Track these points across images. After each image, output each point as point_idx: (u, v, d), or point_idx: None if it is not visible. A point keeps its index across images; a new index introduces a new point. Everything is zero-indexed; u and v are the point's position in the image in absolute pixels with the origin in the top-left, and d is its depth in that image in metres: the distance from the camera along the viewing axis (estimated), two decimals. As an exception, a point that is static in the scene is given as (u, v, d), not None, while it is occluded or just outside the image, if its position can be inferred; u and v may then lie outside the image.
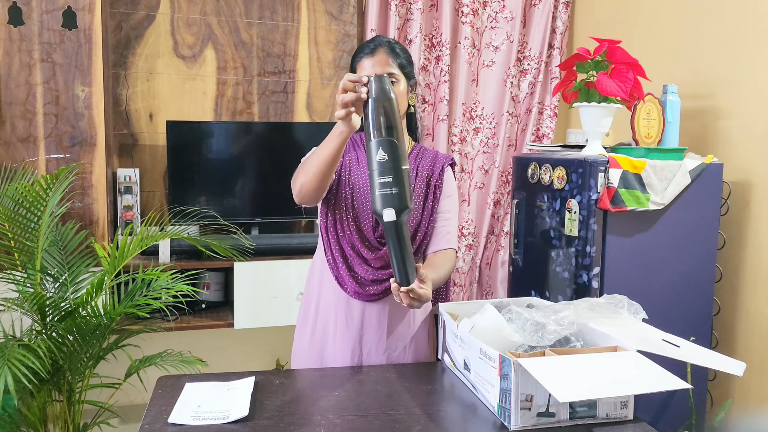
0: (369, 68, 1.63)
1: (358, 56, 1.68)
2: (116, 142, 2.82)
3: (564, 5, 3.10)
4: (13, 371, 1.75)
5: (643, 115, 2.19)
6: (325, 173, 1.51)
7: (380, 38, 1.71)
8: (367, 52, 1.66)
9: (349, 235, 1.67)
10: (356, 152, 1.74)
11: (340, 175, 1.69)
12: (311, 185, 1.53)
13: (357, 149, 1.74)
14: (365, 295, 1.67)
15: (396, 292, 1.40)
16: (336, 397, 1.43)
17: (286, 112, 3.04)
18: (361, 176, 1.69)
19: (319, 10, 3.03)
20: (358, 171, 1.70)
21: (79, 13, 2.45)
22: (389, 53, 1.66)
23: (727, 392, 2.22)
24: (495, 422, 1.31)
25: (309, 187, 1.54)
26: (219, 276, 2.77)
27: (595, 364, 1.29)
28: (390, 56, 1.66)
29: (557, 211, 2.19)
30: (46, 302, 1.97)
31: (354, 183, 1.68)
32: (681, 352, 1.36)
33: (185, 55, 2.89)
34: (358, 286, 1.67)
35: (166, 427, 1.27)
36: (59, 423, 2.17)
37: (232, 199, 2.85)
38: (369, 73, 1.62)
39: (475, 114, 3.08)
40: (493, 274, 3.17)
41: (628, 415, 1.33)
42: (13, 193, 2.10)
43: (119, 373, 2.36)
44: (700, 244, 2.13)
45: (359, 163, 1.71)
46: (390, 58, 1.65)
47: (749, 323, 2.17)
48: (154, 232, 2.18)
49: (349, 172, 1.70)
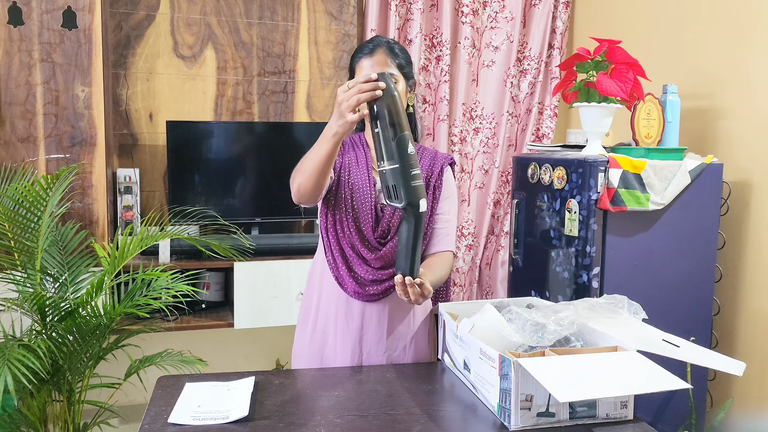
0: (368, 68, 1.63)
1: (357, 56, 1.69)
2: (116, 142, 2.82)
3: (564, 5, 3.10)
4: (13, 371, 1.75)
5: (643, 115, 2.19)
6: (321, 173, 1.51)
7: (379, 38, 1.71)
8: (366, 52, 1.66)
9: (349, 236, 1.67)
10: (356, 152, 1.73)
11: (340, 175, 1.69)
12: (308, 185, 1.54)
13: (356, 149, 1.74)
14: (365, 295, 1.67)
15: (401, 287, 1.40)
16: (336, 397, 1.43)
17: (286, 112, 3.04)
18: (361, 176, 1.68)
19: (319, 10, 3.03)
20: (357, 171, 1.70)
21: (79, 13, 2.45)
22: (388, 53, 1.66)
23: (727, 392, 2.22)
24: (495, 422, 1.31)
25: (306, 186, 1.54)
26: (219, 276, 2.77)
27: (594, 364, 1.29)
28: (389, 56, 1.66)
29: (557, 211, 2.19)
30: (46, 302, 1.97)
31: (354, 183, 1.68)
32: (681, 352, 1.36)
33: (185, 55, 2.89)
34: (358, 286, 1.67)
35: (166, 427, 1.27)
36: (59, 423, 2.17)
37: (232, 199, 2.85)
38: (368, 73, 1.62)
39: (475, 114, 3.08)
40: (493, 274, 3.17)
41: (628, 415, 1.33)
42: (13, 193, 2.10)
43: (119, 373, 2.36)
44: (700, 244, 2.13)
45: (359, 164, 1.71)
46: (389, 59, 1.66)
47: (749, 323, 2.17)
48: (154, 232, 2.18)
49: (349, 173, 1.70)
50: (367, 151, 1.74)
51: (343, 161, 1.71)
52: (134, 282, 2.14)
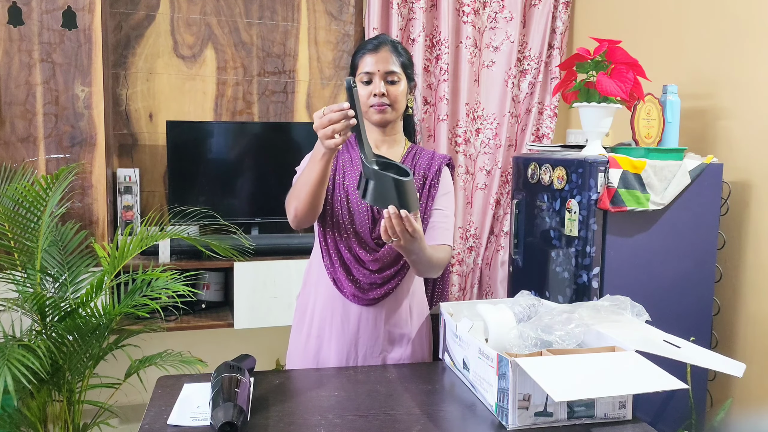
0: (371, 65, 1.63)
1: (360, 52, 1.68)
2: (116, 142, 2.82)
3: (564, 5, 3.10)
4: (13, 371, 1.75)
5: (643, 115, 2.19)
6: (316, 194, 1.52)
7: (384, 36, 1.71)
8: (371, 48, 1.66)
9: (346, 238, 1.65)
10: (350, 154, 1.72)
11: (335, 177, 1.68)
12: (305, 208, 1.55)
13: (351, 150, 1.73)
14: (363, 299, 1.66)
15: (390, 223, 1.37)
16: (336, 397, 1.43)
17: (286, 112, 3.04)
18: (356, 178, 1.67)
19: (319, 10, 3.03)
20: (352, 173, 1.69)
21: (79, 13, 2.45)
22: (392, 51, 1.66)
23: (727, 392, 2.22)
24: (493, 422, 1.31)
25: (303, 210, 1.55)
26: (219, 276, 2.77)
27: (592, 364, 1.29)
28: (393, 54, 1.66)
29: (557, 211, 2.19)
30: (46, 302, 1.98)
31: (349, 185, 1.67)
32: (681, 352, 1.36)
33: (185, 55, 2.89)
34: (357, 290, 1.66)
35: (165, 427, 1.27)
36: (59, 423, 2.17)
37: (232, 199, 2.85)
38: (371, 69, 1.63)
39: (476, 114, 3.08)
40: (493, 274, 3.17)
41: (626, 416, 1.33)
42: (13, 193, 2.10)
43: (119, 373, 2.36)
44: (700, 244, 2.13)
45: (353, 165, 1.70)
46: (393, 56, 1.65)
47: (749, 323, 2.17)
48: (153, 232, 2.18)
49: (344, 175, 1.69)
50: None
51: (337, 163, 1.70)
52: (134, 282, 2.14)
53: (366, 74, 1.64)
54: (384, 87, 1.63)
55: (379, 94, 1.62)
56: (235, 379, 1.28)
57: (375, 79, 1.63)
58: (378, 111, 1.64)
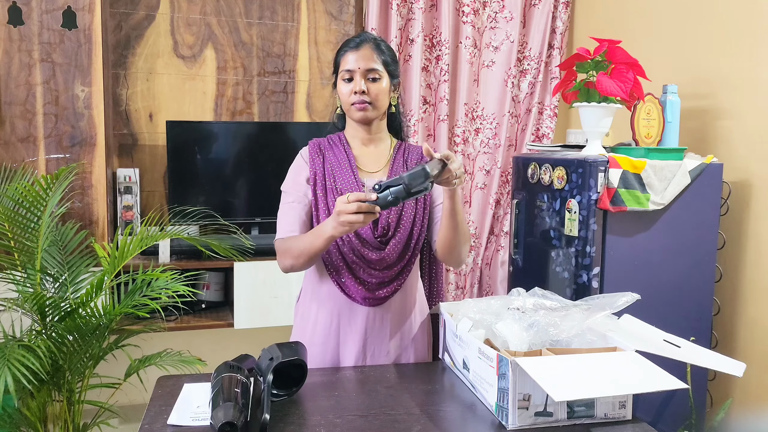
0: (353, 62, 1.62)
1: (342, 50, 1.66)
2: (116, 142, 2.82)
3: (564, 5, 3.10)
4: (13, 371, 1.75)
5: (643, 115, 2.19)
6: (315, 258, 1.61)
7: (366, 34, 1.70)
8: (352, 46, 1.65)
9: (348, 242, 1.63)
10: (336, 156, 1.68)
11: (325, 183, 1.66)
12: (302, 267, 1.64)
13: (336, 149, 1.69)
14: (373, 299, 1.65)
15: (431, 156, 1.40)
16: (336, 397, 1.43)
17: (286, 112, 3.04)
18: (347, 180, 1.65)
19: (319, 10, 3.03)
20: (342, 175, 1.65)
21: (79, 13, 2.45)
22: (374, 49, 1.64)
23: (727, 392, 2.22)
24: (493, 422, 1.31)
25: (300, 268, 1.65)
26: (219, 276, 2.77)
27: (592, 364, 1.29)
28: (375, 52, 1.64)
29: (557, 211, 2.19)
30: (46, 302, 1.97)
31: (342, 189, 1.64)
32: (681, 352, 1.36)
33: (185, 55, 2.89)
34: (367, 291, 1.64)
35: (165, 427, 1.27)
36: (59, 423, 2.17)
37: (232, 199, 2.85)
38: (352, 67, 1.62)
39: (475, 114, 3.08)
40: (493, 274, 3.17)
41: (626, 415, 1.33)
42: (13, 193, 2.10)
43: (119, 373, 2.36)
44: (700, 244, 2.13)
45: (341, 167, 1.66)
46: (375, 54, 1.64)
47: (749, 323, 2.17)
48: (154, 232, 2.18)
49: (334, 178, 1.65)
50: (349, 151, 1.69)
51: (324, 168, 1.67)
52: (134, 282, 2.14)
53: (347, 72, 1.63)
54: (365, 85, 1.62)
55: (360, 92, 1.61)
56: (236, 379, 1.28)
57: (356, 76, 1.62)
58: (359, 109, 1.63)
